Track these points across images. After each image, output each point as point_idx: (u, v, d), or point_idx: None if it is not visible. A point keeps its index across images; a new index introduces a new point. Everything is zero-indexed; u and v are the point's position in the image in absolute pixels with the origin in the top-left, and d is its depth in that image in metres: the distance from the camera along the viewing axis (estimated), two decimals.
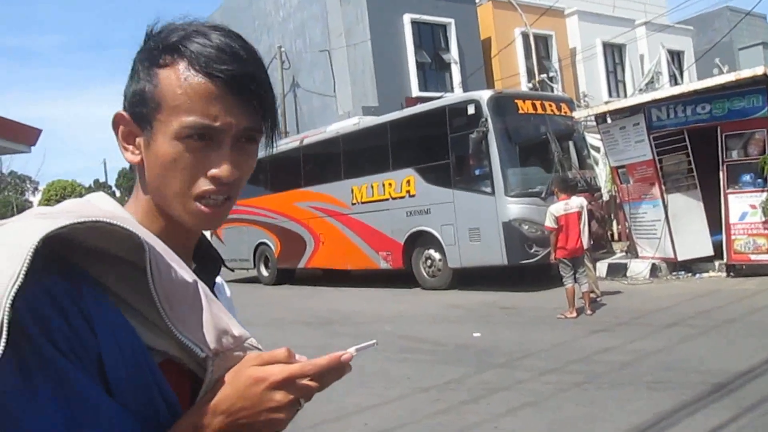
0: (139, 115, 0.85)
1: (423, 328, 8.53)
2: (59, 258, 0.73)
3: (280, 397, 0.76)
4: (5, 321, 0.64)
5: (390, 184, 12.59)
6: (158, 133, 0.83)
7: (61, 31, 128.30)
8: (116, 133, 0.88)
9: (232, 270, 15.56)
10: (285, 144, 15.89)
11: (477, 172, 11.27)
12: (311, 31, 21.92)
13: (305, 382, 0.76)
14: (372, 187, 12.95)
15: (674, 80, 23.24)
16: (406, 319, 9.29)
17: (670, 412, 4.48)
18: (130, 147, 0.87)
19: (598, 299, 9.30)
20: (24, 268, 0.66)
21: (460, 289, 11.62)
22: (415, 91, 19.98)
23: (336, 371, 0.78)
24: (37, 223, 0.70)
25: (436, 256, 11.94)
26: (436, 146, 11.76)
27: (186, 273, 0.81)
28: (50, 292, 0.70)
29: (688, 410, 4.51)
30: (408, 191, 12.26)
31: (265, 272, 15.91)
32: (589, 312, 8.34)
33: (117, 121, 0.88)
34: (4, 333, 0.64)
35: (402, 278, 12.70)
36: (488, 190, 10.92)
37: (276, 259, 15.51)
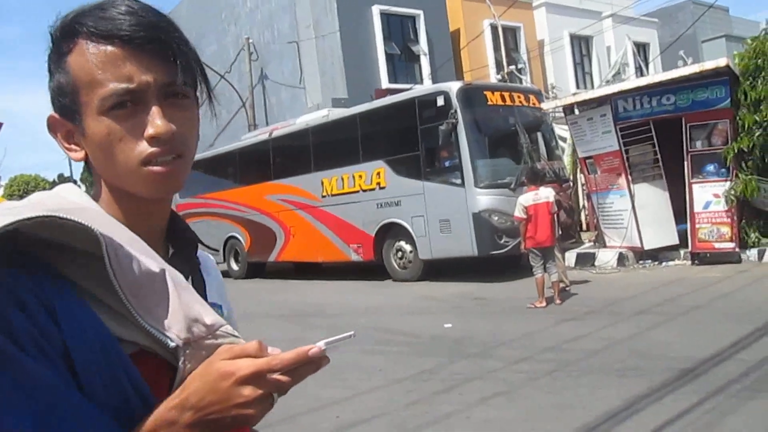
0: (64, 109, 0.83)
1: (396, 319, 8.54)
2: (21, 252, 0.72)
3: (248, 392, 0.73)
4: None
5: (360, 176, 12.55)
6: (87, 118, 0.81)
7: (21, 22, 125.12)
8: (56, 138, 0.87)
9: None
10: (254, 137, 15.74)
11: (447, 164, 11.30)
12: (279, 22, 21.70)
13: (276, 376, 0.74)
14: (342, 179, 12.90)
15: (640, 72, 23.56)
16: (378, 311, 9.30)
17: (640, 398, 4.55)
18: (72, 146, 0.86)
19: (567, 288, 9.41)
20: None
21: (432, 281, 11.66)
22: (385, 83, 19.93)
23: (311, 365, 0.76)
24: None
25: (407, 247, 11.96)
26: (406, 138, 11.75)
27: (152, 261, 0.79)
28: (8, 286, 0.69)
29: (656, 395, 4.59)
30: (378, 183, 12.24)
31: (235, 266, 15.77)
32: (558, 301, 8.44)
33: (52, 125, 0.86)
34: None
35: (373, 270, 12.70)
36: (458, 181, 10.96)
37: (246, 252, 15.38)
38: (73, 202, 0.82)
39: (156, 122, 0.80)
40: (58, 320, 0.70)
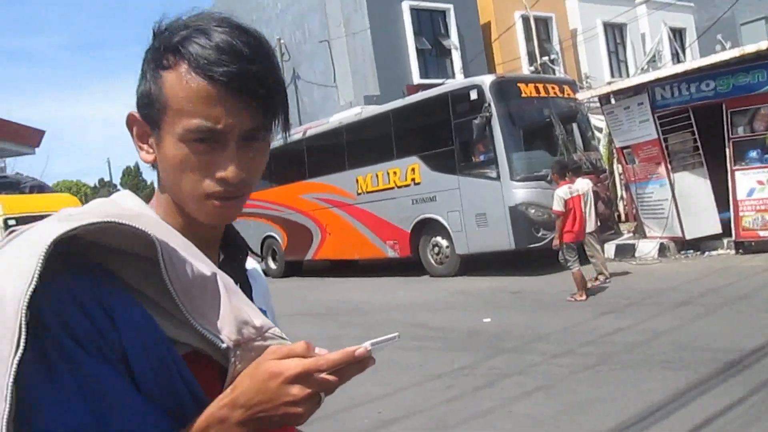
0: (147, 116, 0.86)
1: (433, 315, 8.53)
2: (82, 257, 0.76)
3: (296, 391, 0.76)
4: (22, 322, 0.67)
5: (395, 173, 12.56)
6: (166, 135, 0.84)
7: (59, 32, 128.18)
8: (131, 133, 0.90)
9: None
10: (288, 136, 15.84)
11: (481, 158, 11.24)
12: (310, 21, 21.83)
13: (323, 376, 0.76)
14: (377, 176, 12.93)
15: (677, 58, 23.08)
16: (415, 307, 9.30)
17: (684, 391, 4.48)
18: (145, 146, 0.89)
19: (608, 281, 9.28)
20: (38, 270, 0.69)
21: (469, 275, 11.61)
22: (417, 79, 19.90)
23: (356, 365, 0.78)
24: (53, 227, 0.73)
25: (443, 243, 11.93)
26: (440, 133, 11.72)
27: (204, 266, 0.82)
28: (70, 289, 0.73)
29: (701, 389, 4.50)
30: (413, 179, 12.24)
31: (273, 265, 15.94)
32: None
33: (130, 122, 0.89)
34: (23, 335, 0.67)
35: (410, 266, 12.70)
36: (493, 175, 10.88)
37: (283, 251, 15.53)
38: (129, 209, 0.86)
39: (230, 167, 0.84)
40: (116, 321, 0.74)
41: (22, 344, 0.67)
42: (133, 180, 53.14)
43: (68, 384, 0.70)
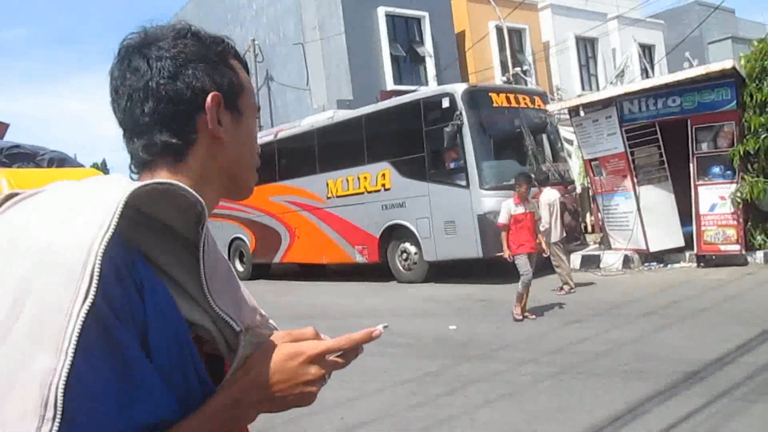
0: (230, 98, 0.93)
1: (400, 321, 8.53)
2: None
3: (314, 370, 0.82)
4: (95, 271, 0.66)
5: (365, 178, 12.56)
6: (244, 113, 0.96)
7: (27, 24, 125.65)
8: (211, 111, 0.91)
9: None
10: (259, 138, 15.74)
11: (452, 166, 11.30)
12: (285, 24, 21.73)
13: (334, 358, 0.84)
14: (347, 180, 12.91)
15: (646, 74, 23.53)
16: (383, 313, 9.29)
17: (644, 401, 4.54)
18: (219, 127, 0.93)
19: (572, 291, 9.39)
20: (114, 222, 0.69)
21: (436, 282, 11.65)
22: (390, 85, 19.93)
23: (354, 351, 0.86)
24: (110, 184, 0.76)
25: (412, 249, 11.95)
26: (411, 139, 11.76)
27: (220, 250, 0.88)
28: (111, 254, 0.70)
29: (661, 398, 4.58)
30: (383, 185, 12.25)
31: (240, 267, 15.79)
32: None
33: (215, 102, 0.91)
34: (93, 283, 0.66)
35: (378, 272, 12.70)
36: (463, 183, 10.95)
37: (251, 253, 15.40)
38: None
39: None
40: (144, 297, 0.73)
41: (91, 294, 0.65)
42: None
43: (99, 352, 0.67)
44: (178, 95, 0.88)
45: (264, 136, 15.45)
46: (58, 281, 0.66)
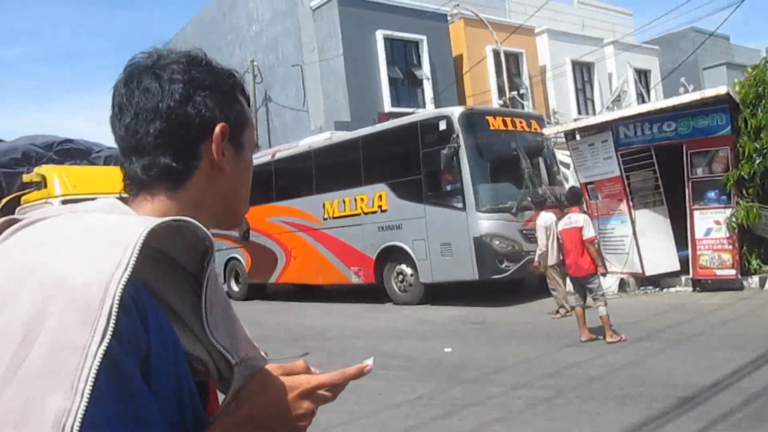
0: (235, 130, 0.95)
1: (395, 343, 8.49)
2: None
3: (307, 405, 0.83)
4: (114, 309, 0.65)
5: (362, 199, 12.58)
6: (245, 148, 0.97)
7: (26, 43, 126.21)
8: (216, 141, 0.91)
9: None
10: (256, 158, 15.75)
11: (448, 188, 11.33)
12: (284, 45, 21.91)
13: (323, 392, 0.85)
14: (344, 201, 12.93)
15: (641, 98, 23.71)
16: (378, 335, 9.26)
17: (639, 426, 4.52)
18: (221, 156, 0.94)
19: (568, 314, 9.36)
20: (133, 260, 0.68)
21: (432, 304, 11.62)
22: (388, 107, 20.04)
23: (342, 385, 0.87)
24: (127, 218, 0.78)
25: (408, 271, 11.94)
26: (408, 162, 11.80)
27: (219, 284, 0.87)
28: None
29: (656, 423, 4.55)
30: (380, 206, 12.26)
31: (235, 287, 15.74)
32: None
33: (223, 132, 0.92)
34: (112, 322, 0.65)
35: (374, 293, 12.66)
36: (459, 205, 10.98)
37: (246, 274, 15.36)
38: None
39: None
40: (149, 329, 0.72)
41: (108, 334, 0.64)
42: None
43: (105, 382, 0.65)
44: (187, 120, 0.88)
45: (261, 157, 15.52)
46: (75, 319, 0.64)
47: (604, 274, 8.91)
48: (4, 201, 6.58)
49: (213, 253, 0.79)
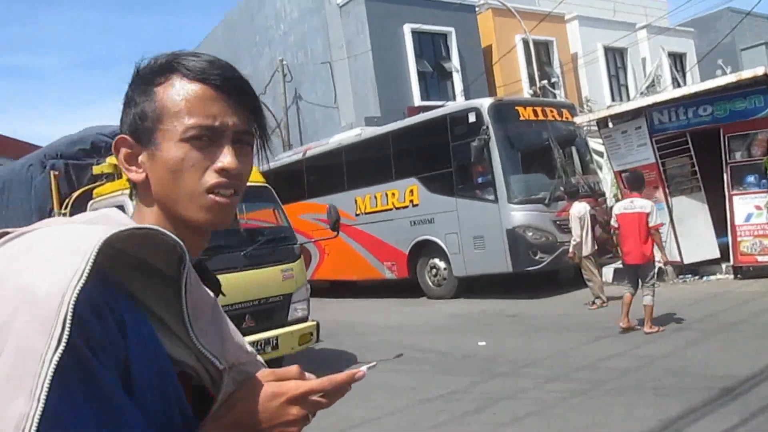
0: (141, 131, 0.90)
1: (428, 337, 8.48)
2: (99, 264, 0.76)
3: (295, 411, 0.82)
4: (67, 318, 0.66)
5: (393, 194, 12.57)
6: (163, 142, 0.88)
7: (60, 51, 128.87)
8: (117, 156, 0.93)
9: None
10: (288, 156, 15.91)
11: (479, 180, 11.25)
12: (312, 43, 21.98)
13: (317, 398, 0.83)
14: (375, 197, 12.94)
15: (676, 83, 23.17)
16: (411, 329, 9.25)
17: (677, 418, 4.43)
18: (133, 167, 0.92)
19: (604, 305, 9.23)
20: (87, 268, 0.68)
21: (466, 298, 11.57)
22: (417, 101, 19.97)
23: (341, 390, 0.85)
24: (94, 228, 0.75)
25: (441, 264, 11.90)
26: (438, 155, 11.75)
27: (205, 288, 0.87)
28: (90, 295, 0.71)
29: (694, 416, 4.46)
30: (411, 201, 12.25)
31: None
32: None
33: (119, 145, 0.92)
34: (66, 331, 0.65)
35: (407, 288, 12.66)
36: (491, 197, 10.89)
37: None
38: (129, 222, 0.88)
39: (228, 157, 0.89)
40: (127, 333, 0.73)
41: (63, 341, 0.65)
42: None
43: (78, 390, 0.67)
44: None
45: (292, 155, 15.61)
46: (36, 327, 0.66)
47: (666, 263, 8.73)
48: (74, 195, 6.65)
49: (187, 258, 0.79)
